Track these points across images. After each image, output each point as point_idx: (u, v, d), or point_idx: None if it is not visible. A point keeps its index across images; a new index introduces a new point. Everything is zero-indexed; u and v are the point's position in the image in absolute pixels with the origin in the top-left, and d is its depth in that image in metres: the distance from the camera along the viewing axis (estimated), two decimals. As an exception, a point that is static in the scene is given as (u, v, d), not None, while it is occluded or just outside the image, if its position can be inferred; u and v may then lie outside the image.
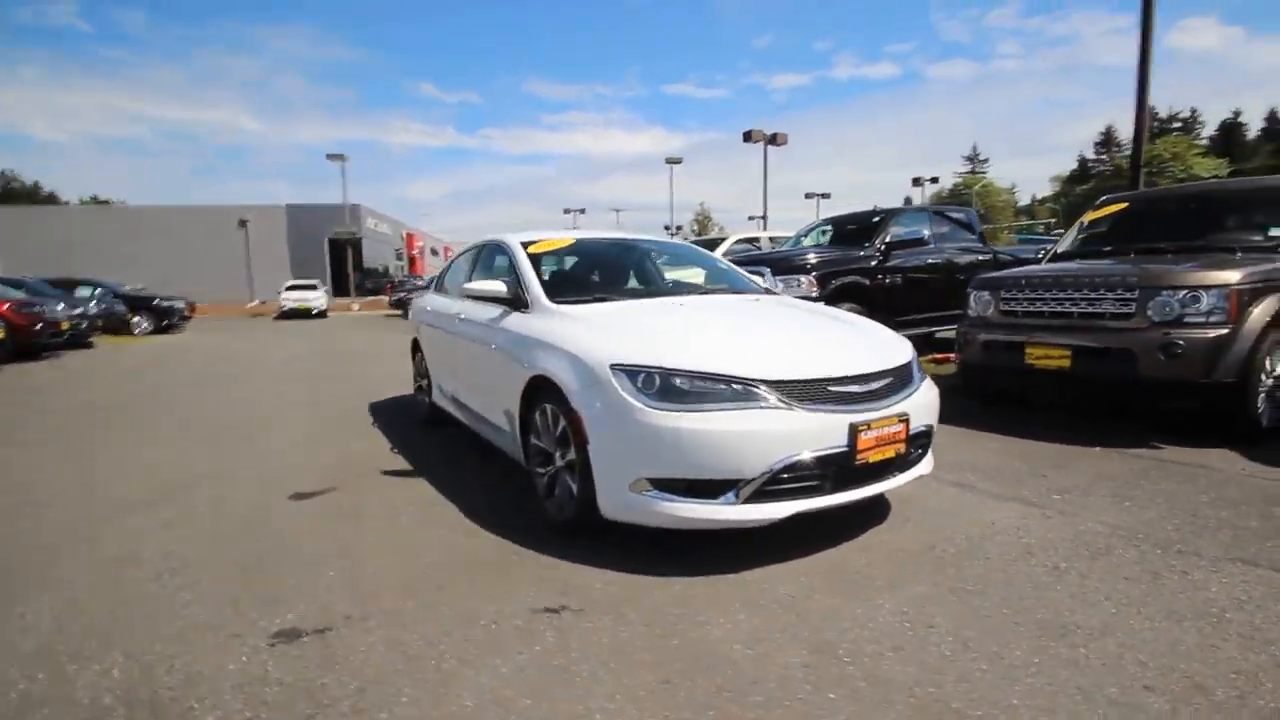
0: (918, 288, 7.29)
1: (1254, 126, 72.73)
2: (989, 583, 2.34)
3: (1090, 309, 4.25)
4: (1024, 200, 74.39)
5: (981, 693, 1.73)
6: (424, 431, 5.00)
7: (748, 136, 22.48)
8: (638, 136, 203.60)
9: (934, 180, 41.25)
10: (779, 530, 2.48)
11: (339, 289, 34.34)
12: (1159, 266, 4.22)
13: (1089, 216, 5.74)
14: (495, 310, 3.64)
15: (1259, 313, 3.84)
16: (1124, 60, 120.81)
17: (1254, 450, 3.76)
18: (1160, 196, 5.95)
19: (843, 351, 2.73)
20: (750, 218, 52.76)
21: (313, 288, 25.33)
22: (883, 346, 2.90)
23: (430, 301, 5.13)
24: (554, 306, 3.29)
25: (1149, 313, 3.98)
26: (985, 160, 77.26)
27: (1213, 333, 3.80)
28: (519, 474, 3.42)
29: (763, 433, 2.35)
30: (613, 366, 2.56)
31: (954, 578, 2.39)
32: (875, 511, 2.99)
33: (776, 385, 2.43)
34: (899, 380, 2.74)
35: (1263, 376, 3.87)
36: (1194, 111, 74.43)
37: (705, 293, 3.75)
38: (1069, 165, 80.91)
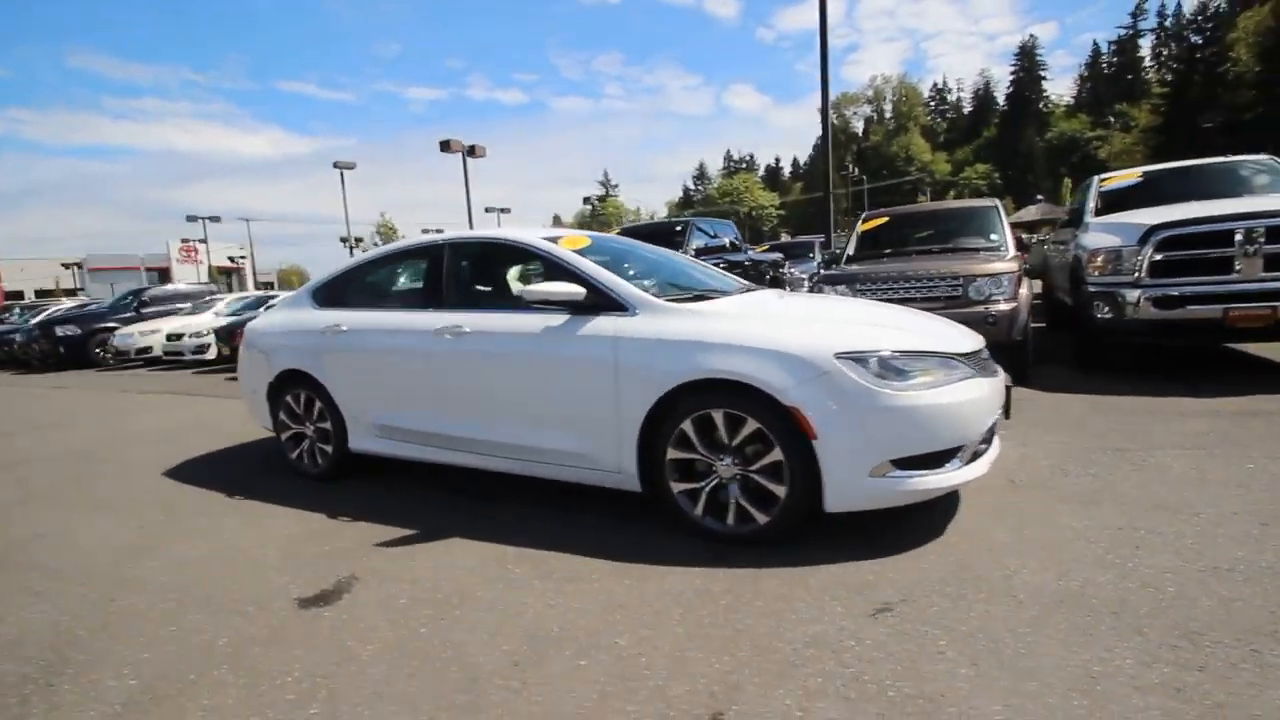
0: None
1: (786, 169, 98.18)
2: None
3: (929, 295, 5.59)
4: (644, 220, 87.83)
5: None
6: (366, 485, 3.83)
7: (445, 146, 21.60)
8: (252, 136, 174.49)
9: (602, 198, 45.31)
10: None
11: None
12: (970, 262, 5.80)
13: (862, 227, 7.41)
14: (556, 318, 3.09)
15: (1024, 292, 5.62)
16: (700, 111, 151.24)
17: (1026, 381, 5.48)
18: (909, 213, 8.00)
19: (950, 328, 3.17)
20: (424, 230, 50.39)
21: None
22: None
23: (328, 320, 3.91)
24: (672, 305, 2.98)
25: (971, 294, 5.46)
26: (616, 185, 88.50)
27: (1008, 306, 5.42)
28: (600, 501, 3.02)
29: (979, 400, 2.64)
30: (837, 355, 2.53)
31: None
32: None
33: (963, 358, 2.74)
34: None
35: (1029, 333, 5.68)
36: (751, 156, 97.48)
37: (746, 290, 3.78)
38: (676, 193, 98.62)
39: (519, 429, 3.22)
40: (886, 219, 7.47)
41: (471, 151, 21.75)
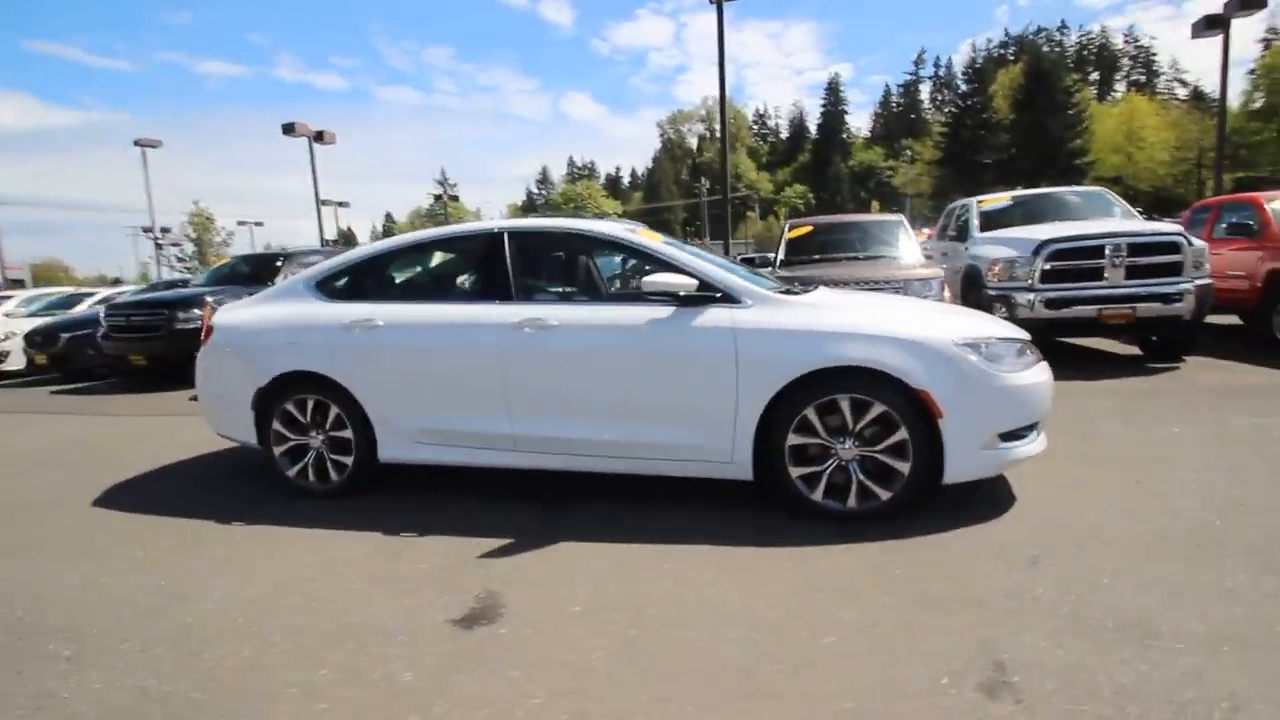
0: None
1: (626, 178, 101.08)
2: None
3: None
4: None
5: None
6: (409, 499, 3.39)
7: (289, 129, 19.26)
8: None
9: (455, 198, 43.13)
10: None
11: None
12: (901, 267, 6.53)
13: (789, 235, 8.01)
14: (661, 310, 3.04)
15: (947, 294, 6.48)
16: (538, 115, 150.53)
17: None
18: (829, 223, 8.72)
19: (999, 322, 3.59)
20: (241, 223, 44.47)
21: None
22: None
23: (354, 314, 3.44)
24: (781, 297, 3.08)
25: (909, 295, 6.18)
26: (455, 185, 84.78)
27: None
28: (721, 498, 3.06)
29: (1049, 381, 3.07)
30: (956, 342, 2.82)
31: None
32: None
33: (1030, 345, 3.17)
34: None
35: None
36: (593, 163, 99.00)
37: (805, 287, 3.93)
38: (519, 196, 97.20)
39: (621, 425, 3.12)
40: (811, 228, 8.14)
41: (320, 137, 19.70)
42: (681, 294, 3.00)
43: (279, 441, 3.62)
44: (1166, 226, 6.63)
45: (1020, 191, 8.83)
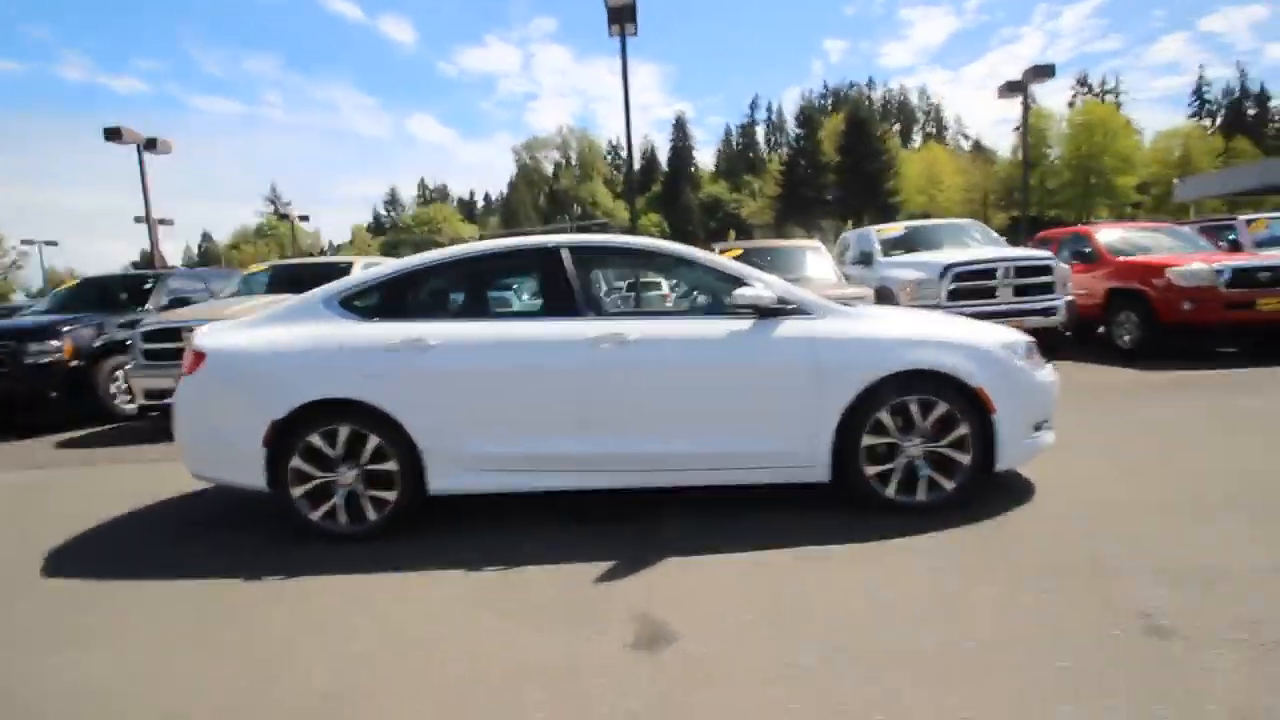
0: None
1: (480, 203, 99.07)
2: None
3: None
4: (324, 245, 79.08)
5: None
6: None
7: (113, 135, 16.40)
8: None
9: (304, 217, 39.32)
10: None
11: None
12: (832, 288, 7.12)
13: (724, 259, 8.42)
14: (741, 323, 3.15)
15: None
16: (381, 134, 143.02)
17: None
18: (757, 247, 9.20)
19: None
20: (27, 242, 37.17)
21: None
22: None
23: (399, 333, 3.14)
24: (844, 309, 3.30)
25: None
26: (289, 204, 77.71)
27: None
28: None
29: (1058, 377, 3.58)
30: (1003, 345, 3.21)
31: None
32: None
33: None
34: None
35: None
36: (445, 186, 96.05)
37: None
38: (365, 217, 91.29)
39: (705, 437, 3.15)
40: (741, 250, 8.63)
41: (152, 145, 17.20)
42: (765, 306, 3.12)
43: (299, 481, 3.18)
44: (1041, 251, 7.91)
45: (910, 222, 10.04)
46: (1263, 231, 8.64)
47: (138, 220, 28.25)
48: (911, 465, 3.17)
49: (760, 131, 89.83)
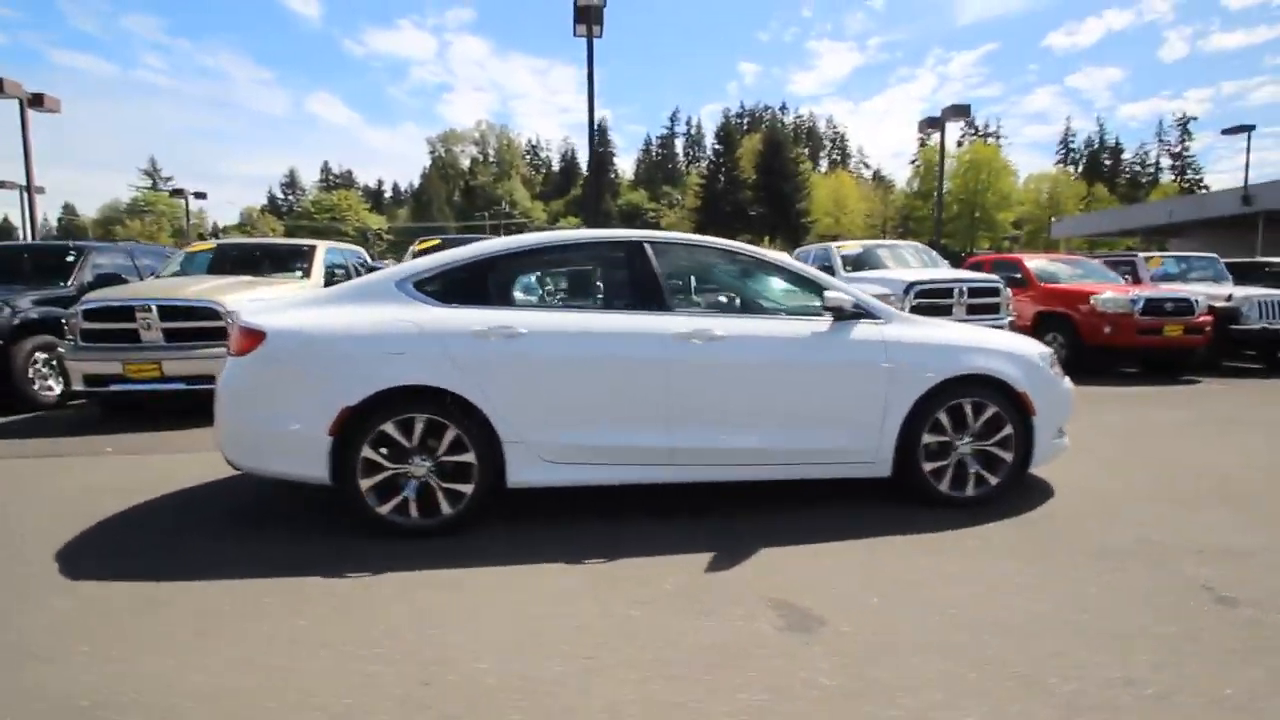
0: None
1: (389, 192, 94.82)
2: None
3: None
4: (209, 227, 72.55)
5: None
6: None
7: None
8: None
9: (201, 195, 35.72)
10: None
11: None
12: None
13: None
14: (820, 324, 3.31)
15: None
16: (278, 111, 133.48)
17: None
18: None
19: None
20: None
21: None
22: None
23: (486, 320, 3.05)
24: (907, 315, 3.55)
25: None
26: (170, 179, 70.78)
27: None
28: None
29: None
30: (1040, 355, 3.56)
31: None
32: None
33: (1042, 357, 4.07)
34: None
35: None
36: (350, 172, 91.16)
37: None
38: (258, 198, 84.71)
39: (781, 433, 3.27)
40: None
41: (38, 102, 15.20)
42: (846, 309, 3.30)
43: (370, 472, 3.00)
44: (989, 275, 8.67)
45: (867, 241, 10.70)
46: (1158, 268, 9.94)
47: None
48: (961, 462, 3.45)
49: (680, 144, 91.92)
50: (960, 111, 17.36)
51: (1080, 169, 74.57)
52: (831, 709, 1.83)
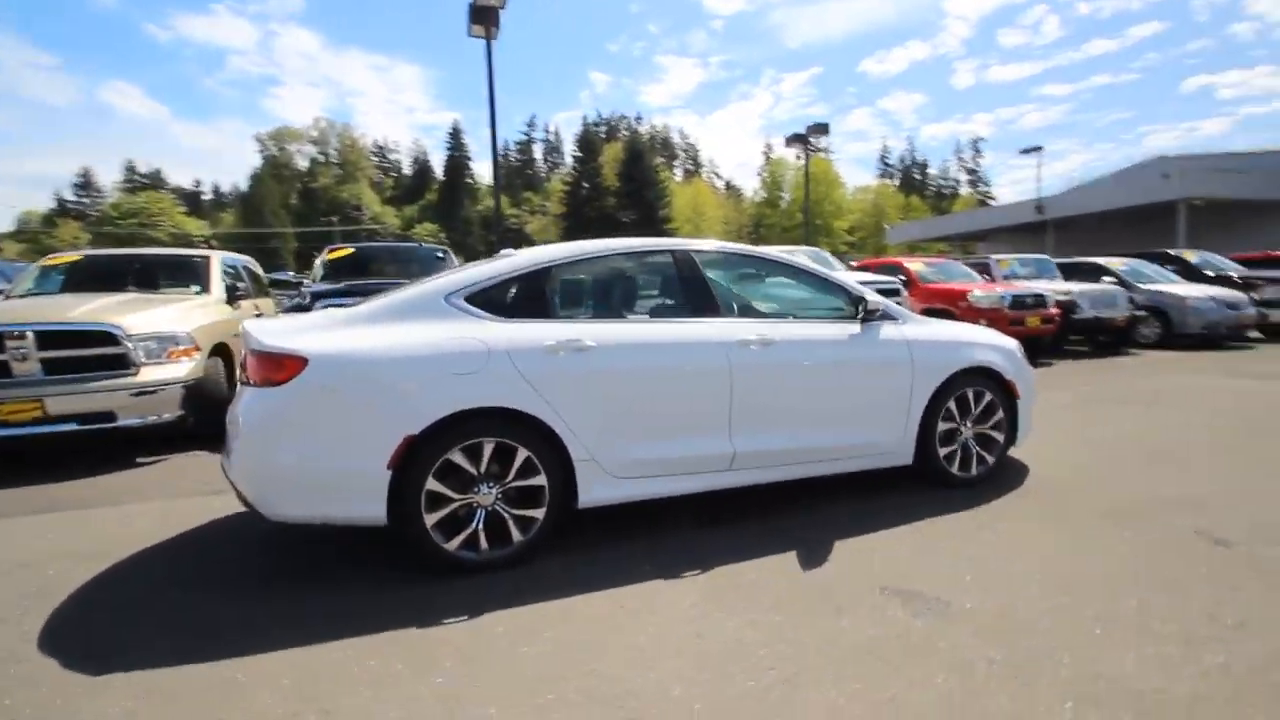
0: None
1: (208, 194, 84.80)
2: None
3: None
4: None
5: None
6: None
7: None
8: None
9: None
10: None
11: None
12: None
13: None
14: (852, 326, 3.54)
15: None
16: (62, 101, 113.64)
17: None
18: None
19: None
20: None
21: None
22: None
23: (553, 334, 2.89)
24: (914, 315, 3.85)
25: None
26: (-88, 174, 57.60)
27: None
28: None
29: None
30: (1017, 346, 4.05)
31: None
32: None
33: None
34: None
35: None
36: (159, 171, 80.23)
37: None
38: (41, 202, 71.43)
39: (825, 432, 3.43)
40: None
41: None
42: (879, 312, 3.55)
43: (435, 506, 2.72)
44: (888, 276, 9.57)
45: (763, 248, 11.33)
46: (1007, 269, 11.58)
47: None
48: (965, 445, 3.84)
49: (539, 150, 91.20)
50: (820, 129, 19.03)
51: (898, 182, 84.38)
52: (1021, 679, 1.99)
